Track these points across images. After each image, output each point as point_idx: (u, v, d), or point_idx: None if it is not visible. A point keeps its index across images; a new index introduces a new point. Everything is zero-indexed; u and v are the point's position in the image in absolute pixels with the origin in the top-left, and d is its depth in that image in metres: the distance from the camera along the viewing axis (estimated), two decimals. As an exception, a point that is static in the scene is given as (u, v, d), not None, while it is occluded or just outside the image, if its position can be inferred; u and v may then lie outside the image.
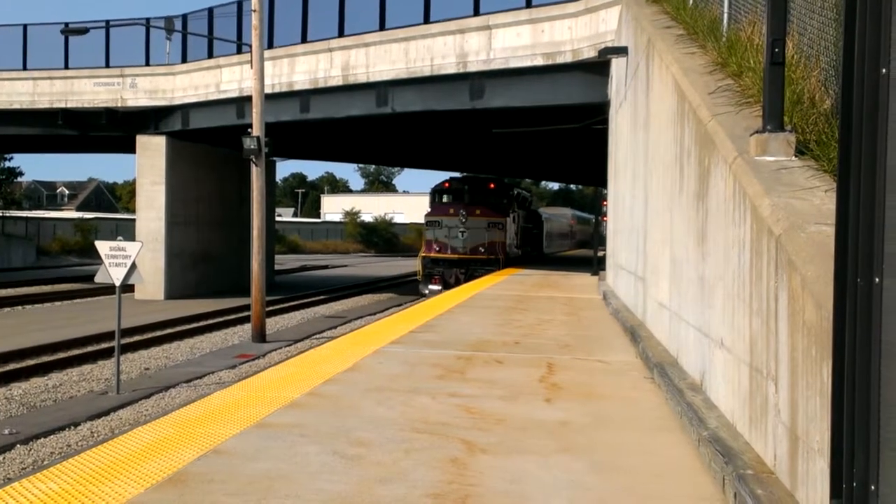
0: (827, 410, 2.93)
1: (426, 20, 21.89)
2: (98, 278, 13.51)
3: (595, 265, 25.38)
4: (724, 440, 4.84)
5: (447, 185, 30.62)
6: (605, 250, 21.79)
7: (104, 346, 17.38)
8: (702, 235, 6.33)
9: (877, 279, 2.55)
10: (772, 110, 5.12)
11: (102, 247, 13.32)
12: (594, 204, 32.72)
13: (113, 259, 13.14)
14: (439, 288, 26.41)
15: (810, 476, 3.58)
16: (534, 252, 38.42)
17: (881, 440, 2.54)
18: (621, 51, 13.62)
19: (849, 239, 2.64)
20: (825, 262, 3.47)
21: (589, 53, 18.21)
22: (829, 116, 5.09)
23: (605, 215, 20.99)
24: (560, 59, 19.32)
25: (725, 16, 8.04)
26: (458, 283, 24.80)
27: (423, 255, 29.01)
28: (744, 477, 4.16)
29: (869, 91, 2.56)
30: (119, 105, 29.59)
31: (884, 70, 2.53)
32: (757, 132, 5.19)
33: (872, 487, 2.56)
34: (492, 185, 30.63)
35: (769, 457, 4.31)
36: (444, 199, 29.77)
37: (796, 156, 5.11)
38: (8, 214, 49.79)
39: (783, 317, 4.08)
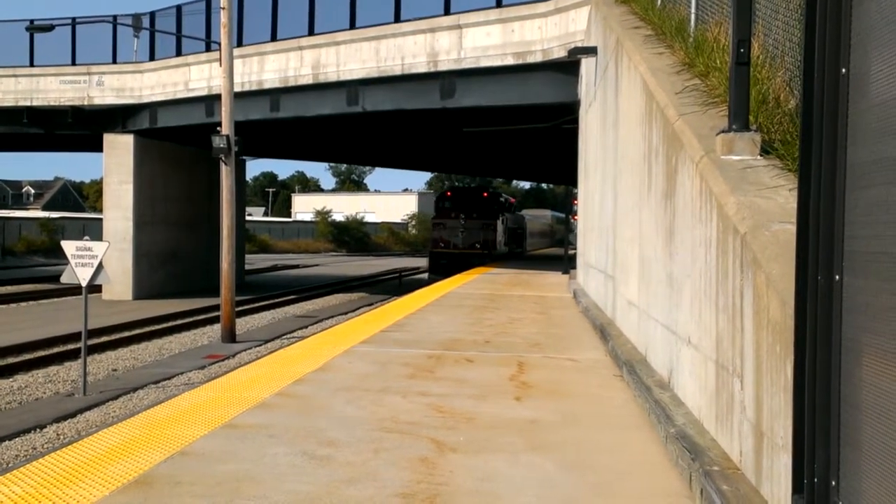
0: (791, 406, 2.97)
1: (397, 19, 21.85)
2: (64, 278, 13.32)
3: (566, 263, 25.51)
4: (691, 437, 4.89)
5: (449, 193, 37.79)
6: (575, 249, 21.89)
7: (71, 347, 17.15)
8: (670, 234, 6.38)
9: (837, 277, 2.59)
10: (737, 110, 5.18)
11: (69, 247, 13.13)
12: (565, 203, 33.47)
13: (79, 259, 12.96)
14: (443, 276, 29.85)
15: (775, 471, 3.63)
16: (518, 249, 44.05)
17: (841, 436, 2.58)
18: (590, 51, 13.68)
19: (809, 237, 2.68)
20: (789, 260, 3.50)
21: (559, 53, 18.28)
22: (794, 116, 5.15)
23: (576, 214, 21.09)
24: (530, 59, 19.39)
25: (693, 16, 8.11)
26: (458, 271, 28.36)
27: (431, 250, 35.37)
28: (710, 473, 4.20)
29: (829, 91, 2.59)
30: (85, 103, 29.20)
31: (844, 70, 2.56)
32: (723, 131, 5.25)
33: (833, 483, 2.59)
34: (485, 194, 37.00)
35: (735, 453, 4.35)
36: (447, 205, 35.84)
37: (761, 155, 5.17)
38: (-28, 214, 48.98)
39: (748, 314, 4.12)
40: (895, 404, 2.28)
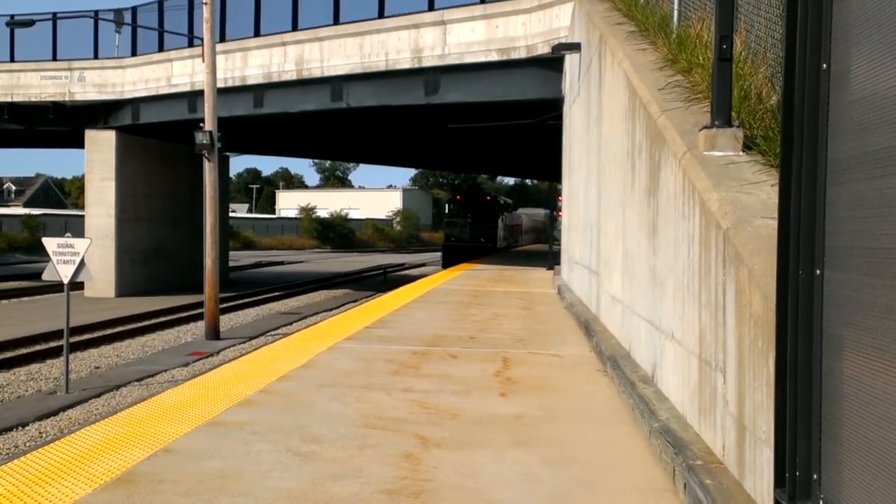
0: (773, 401, 2.98)
1: (381, 14, 21.81)
2: (46, 276, 13.23)
3: (550, 259, 25.56)
4: (674, 431, 4.91)
5: (458, 197, 46.37)
6: (560, 245, 21.94)
7: (53, 344, 17.03)
8: (653, 229, 6.40)
9: (818, 271, 2.60)
10: (720, 106, 5.20)
11: (50, 244, 13.03)
12: (549, 199, 33.78)
13: (61, 256, 12.87)
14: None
15: (757, 465, 3.65)
16: (514, 243, 51.56)
17: (823, 430, 2.59)
18: (574, 47, 13.69)
19: (791, 232, 2.69)
20: (771, 255, 3.51)
21: (543, 49, 18.29)
22: (776, 112, 5.17)
23: (561, 210, 21.13)
24: (514, 55, 19.40)
25: (675, 13, 8.14)
26: (467, 260, 33.53)
27: (444, 244, 43.27)
28: (693, 467, 4.22)
29: (810, 86, 2.61)
30: (67, 99, 28.98)
31: (825, 65, 2.57)
32: (705, 127, 5.26)
33: (815, 476, 2.61)
34: (488, 198, 46.16)
35: (718, 447, 4.38)
36: (456, 207, 43.90)
37: (744, 151, 5.19)
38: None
39: (731, 309, 4.14)
40: (876, 398, 2.30)
